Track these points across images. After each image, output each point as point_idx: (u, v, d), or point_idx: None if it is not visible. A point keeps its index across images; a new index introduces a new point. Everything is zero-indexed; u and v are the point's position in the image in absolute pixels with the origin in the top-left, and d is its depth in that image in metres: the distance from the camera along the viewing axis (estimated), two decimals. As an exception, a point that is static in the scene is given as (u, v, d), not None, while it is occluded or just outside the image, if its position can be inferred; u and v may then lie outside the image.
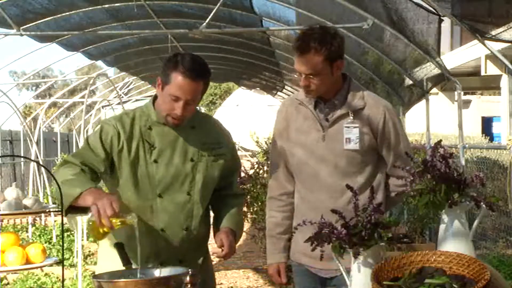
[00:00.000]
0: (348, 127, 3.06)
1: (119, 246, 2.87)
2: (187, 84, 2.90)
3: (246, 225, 12.15)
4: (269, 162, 3.46)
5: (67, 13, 7.88)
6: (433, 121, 8.91)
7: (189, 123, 3.04)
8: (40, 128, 15.47)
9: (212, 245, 3.12)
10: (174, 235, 3.02)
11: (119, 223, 2.73)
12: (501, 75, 14.58)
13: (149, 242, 2.98)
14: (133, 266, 2.81)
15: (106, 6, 7.95)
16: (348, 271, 2.47)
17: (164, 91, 2.95)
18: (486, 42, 5.66)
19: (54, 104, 22.11)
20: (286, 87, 14.99)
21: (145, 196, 2.97)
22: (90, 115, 17.79)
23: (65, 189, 2.80)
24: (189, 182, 3.03)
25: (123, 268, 2.78)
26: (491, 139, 19.56)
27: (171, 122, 2.99)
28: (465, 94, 19.53)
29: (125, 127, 3.02)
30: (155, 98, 3.08)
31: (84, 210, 2.93)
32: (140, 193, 2.96)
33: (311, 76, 2.99)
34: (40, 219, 12.92)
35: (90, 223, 2.81)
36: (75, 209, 2.92)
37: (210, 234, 3.21)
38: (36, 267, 3.93)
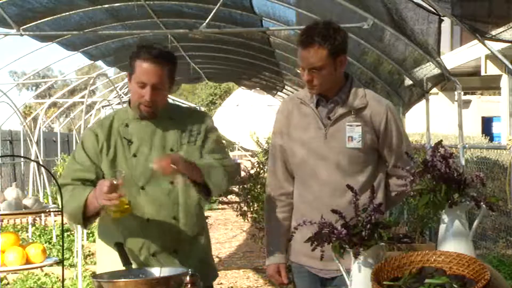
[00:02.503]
0: (350, 125, 3.07)
1: (119, 246, 2.88)
2: (150, 68, 2.98)
3: (246, 225, 12.18)
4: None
5: (67, 13, 7.88)
6: (433, 121, 8.91)
7: (167, 115, 3.11)
8: (40, 128, 15.46)
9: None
10: (162, 225, 3.05)
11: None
12: (501, 75, 14.57)
13: (138, 234, 3.03)
14: (133, 266, 2.82)
15: (106, 6, 7.95)
16: (348, 271, 2.47)
17: (132, 82, 3.05)
18: (486, 42, 5.65)
19: (54, 104, 22.12)
20: (286, 87, 14.98)
21: (128, 191, 2.99)
22: (90, 115, 17.78)
23: (70, 207, 2.93)
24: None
25: (122, 268, 2.79)
26: (491, 139, 19.54)
27: (144, 111, 3.06)
28: (465, 94, 19.51)
29: (104, 129, 3.12)
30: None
31: (99, 213, 3.03)
32: (123, 188, 2.98)
33: (314, 70, 3.00)
34: (40, 219, 12.92)
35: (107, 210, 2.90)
36: (91, 217, 3.04)
37: (207, 228, 3.26)
38: (36, 267, 3.93)
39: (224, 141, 3.31)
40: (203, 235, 3.18)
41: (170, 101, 3.28)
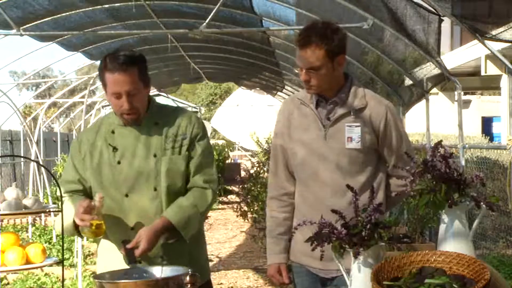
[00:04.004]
0: (350, 126, 3.07)
1: (125, 244, 2.89)
2: (119, 77, 2.95)
3: (246, 225, 12.19)
4: (269, 162, 3.45)
5: (67, 13, 7.88)
6: (433, 121, 8.90)
7: (152, 120, 3.09)
8: (40, 128, 15.45)
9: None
10: None
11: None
12: (501, 75, 14.55)
13: (122, 241, 3.01)
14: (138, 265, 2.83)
15: (106, 6, 7.94)
16: (348, 271, 2.47)
17: (108, 95, 3.03)
18: (486, 42, 5.65)
19: (54, 104, 22.10)
20: (286, 87, 14.98)
21: (112, 198, 3.02)
22: (90, 115, 17.76)
23: (64, 223, 2.95)
24: (154, 178, 3.05)
25: (121, 267, 2.80)
26: (491, 139, 19.54)
27: (129, 120, 3.05)
28: (465, 94, 19.52)
29: (90, 135, 3.14)
30: None
31: None
32: (107, 195, 3.01)
33: (312, 71, 3.00)
34: (40, 219, 12.93)
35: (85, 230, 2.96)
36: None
37: (199, 230, 3.22)
38: (36, 267, 3.93)
39: (212, 151, 3.27)
40: (191, 239, 3.11)
41: (158, 101, 3.26)
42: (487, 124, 23.11)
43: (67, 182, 3.15)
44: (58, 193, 3.09)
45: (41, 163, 12.16)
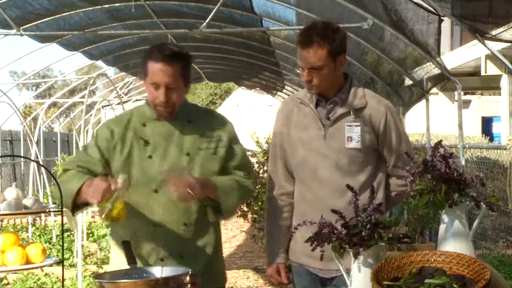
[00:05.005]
0: (350, 125, 3.07)
1: (126, 245, 2.88)
2: (162, 68, 2.93)
3: (246, 225, 12.19)
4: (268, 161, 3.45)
5: (67, 13, 7.88)
6: (433, 121, 8.90)
7: (185, 117, 3.06)
8: (40, 128, 15.46)
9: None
10: (172, 231, 2.99)
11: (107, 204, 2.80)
12: (501, 75, 14.55)
13: (148, 239, 2.98)
14: (138, 265, 2.82)
15: (106, 6, 7.95)
16: (348, 271, 2.47)
17: (146, 84, 3.01)
18: (486, 42, 5.66)
19: (54, 104, 22.12)
20: (286, 87, 14.98)
21: (140, 192, 2.96)
22: (90, 115, 17.76)
23: (64, 190, 2.85)
24: None
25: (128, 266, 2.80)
26: (491, 139, 19.54)
27: (161, 112, 3.01)
28: (465, 94, 19.51)
29: (120, 126, 3.06)
30: None
31: (88, 204, 2.97)
32: (135, 189, 2.95)
33: (314, 71, 3.00)
34: (40, 219, 12.93)
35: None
36: (81, 206, 2.99)
37: (219, 236, 3.16)
38: (36, 267, 3.93)
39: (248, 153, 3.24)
40: (212, 243, 3.09)
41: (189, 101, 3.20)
42: (487, 124, 23.12)
43: (86, 161, 3.02)
44: (56, 187, 3.04)
45: (41, 163, 12.17)
